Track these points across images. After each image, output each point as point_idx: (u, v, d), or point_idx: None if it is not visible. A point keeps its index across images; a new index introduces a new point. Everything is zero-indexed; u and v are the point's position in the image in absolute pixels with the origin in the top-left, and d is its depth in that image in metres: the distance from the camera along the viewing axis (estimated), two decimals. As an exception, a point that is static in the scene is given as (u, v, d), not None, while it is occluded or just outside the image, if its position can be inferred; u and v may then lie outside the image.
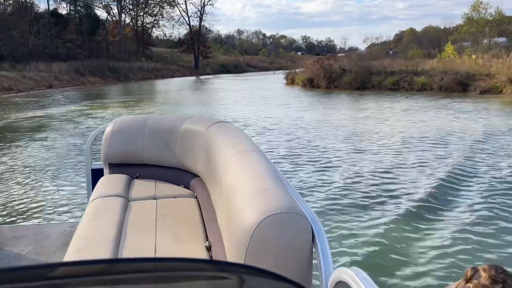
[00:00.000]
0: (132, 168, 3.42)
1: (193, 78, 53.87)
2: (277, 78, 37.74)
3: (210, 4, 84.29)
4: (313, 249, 1.57)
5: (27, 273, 0.56)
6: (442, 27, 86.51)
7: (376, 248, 4.81)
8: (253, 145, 2.50)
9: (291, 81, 32.87)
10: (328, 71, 27.52)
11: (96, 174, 3.53)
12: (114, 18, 61.72)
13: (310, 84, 28.49)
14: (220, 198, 2.18)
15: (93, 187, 3.39)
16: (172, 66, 60.17)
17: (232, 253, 1.74)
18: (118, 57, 55.14)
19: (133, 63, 53.07)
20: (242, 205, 1.72)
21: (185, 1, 69.15)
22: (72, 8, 54.52)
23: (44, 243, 3.26)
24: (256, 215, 1.56)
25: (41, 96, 28.13)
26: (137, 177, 3.41)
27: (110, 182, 3.18)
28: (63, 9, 55.37)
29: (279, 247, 1.52)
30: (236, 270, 0.68)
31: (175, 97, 27.35)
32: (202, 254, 2.14)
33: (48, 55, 45.98)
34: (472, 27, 63.10)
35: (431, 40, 78.69)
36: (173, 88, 36.88)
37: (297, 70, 35.17)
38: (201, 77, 55.83)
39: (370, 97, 23.05)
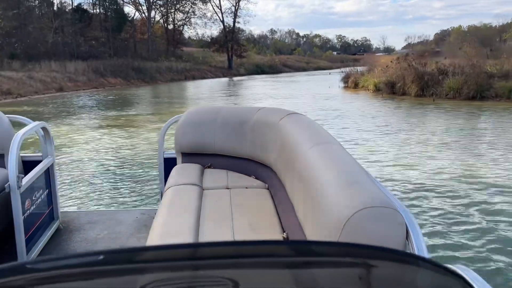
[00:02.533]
0: (204, 157, 3.36)
1: (225, 79, 47.40)
2: (329, 80, 30.57)
3: (246, -1, 75.24)
4: (407, 245, 1.42)
5: (178, 252, 0.57)
6: (493, 25, 77.54)
7: None
8: (331, 137, 2.38)
9: (353, 85, 25.62)
10: (421, 72, 19.77)
11: (169, 163, 3.45)
12: (143, 15, 55.73)
13: (390, 90, 20.93)
14: (300, 190, 2.03)
15: (165, 176, 3.37)
16: (203, 67, 53.81)
17: None
18: (146, 57, 49.17)
19: (161, 63, 46.91)
20: (330, 197, 1.60)
21: (218, -3, 62.49)
22: (97, 3, 48.55)
23: (117, 228, 3.28)
24: (348, 208, 1.44)
25: (37, 103, 21.83)
26: (209, 167, 3.33)
27: (184, 171, 3.11)
28: (88, 4, 49.59)
29: (371, 242, 1.38)
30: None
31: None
32: None
33: (69, 54, 40.16)
34: None
35: (482, 39, 70.23)
36: (204, 92, 30.36)
37: (359, 69, 27.83)
38: (235, 78, 49.31)
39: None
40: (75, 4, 47.83)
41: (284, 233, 2.20)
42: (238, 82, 41.11)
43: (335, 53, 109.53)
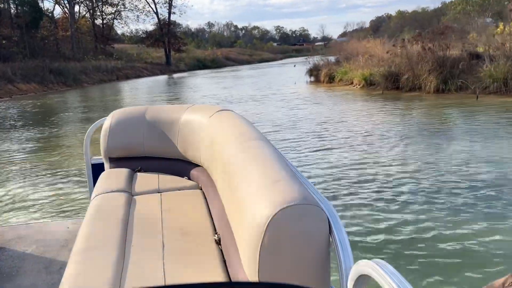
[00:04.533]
0: (133, 161, 3.13)
1: (164, 77, 40.89)
2: (286, 73, 24.95)
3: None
4: (330, 241, 1.39)
5: None
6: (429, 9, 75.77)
7: None
8: (259, 133, 2.25)
9: (327, 78, 19.98)
10: (442, 58, 13.70)
11: (97, 169, 3.23)
12: (65, 9, 47.69)
13: (392, 85, 15.28)
14: (228, 190, 1.93)
15: (94, 183, 3.13)
16: (138, 64, 46.85)
17: (244, 247, 1.52)
18: (71, 56, 41.55)
19: (87, 62, 39.53)
20: (253, 197, 1.53)
21: (150, -14, 55.18)
22: (4, -5, 40.19)
23: (47, 242, 3.01)
24: (270, 208, 1.38)
25: None
26: (139, 171, 3.10)
27: (112, 176, 2.91)
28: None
29: (295, 240, 1.36)
30: None
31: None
32: (212, 248, 1.95)
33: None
34: (467, 6, 54.44)
35: (421, 23, 68.06)
36: (139, 95, 23.97)
37: (331, 58, 22.32)
38: (175, 75, 42.93)
39: None
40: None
41: (216, 235, 2.05)
42: (179, 80, 34.77)
43: (275, 44, 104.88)
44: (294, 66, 25.29)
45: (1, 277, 2.58)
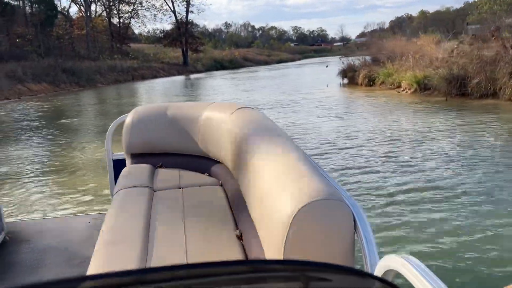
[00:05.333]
0: (154, 157, 3.14)
1: (181, 78, 38.93)
2: (310, 74, 22.53)
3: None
4: (355, 237, 1.38)
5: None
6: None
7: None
8: (280, 130, 2.27)
9: (366, 81, 17.47)
10: None
11: (118, 165, 3.23)
12: (81, 7, 46.07)
13: (457, 90, 12.54)
14: (251, 186, 1.92)
15: (115, 178, 3.15)
16: (155, 64, 45.00)
17: (268, 243, 1.55)
18: (86, 56, 39.86)
19: (102, 62, 37.73)
20: (277, 192, 1.52)
21: (167, -16, 53.25)
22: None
23: (68, 236, 3.06)
24: (294, 203, 1.37)
25: None
26: (160, 167, 3.09)
27: (133, 172, 2.93)
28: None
29: (319, 235, 1.36)
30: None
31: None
32: (233, 243, 1.92)
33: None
34: (494, 5, 51.25)
35: (446, 23, 65.07)
36: (155, 99, 21.93)
37: (354, 59, 19.69)
38: (192, 76, 40.95)
39: None
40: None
41: (237, 231, 2.03)
42: (196, 81, 32.73)
43: (292, 44, 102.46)
44: (327, 66, 22.87)
45: (24, 270, 2.62)
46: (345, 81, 19.50)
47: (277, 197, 1.49)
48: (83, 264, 2.50)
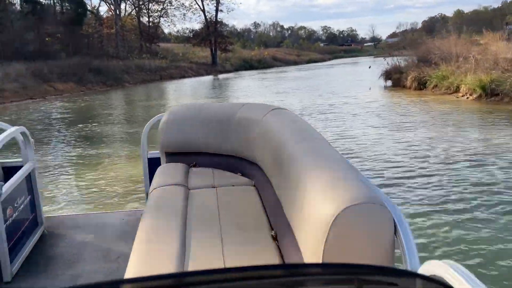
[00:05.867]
0: (188, 156, 3.15)
1: (209, 78, 37.62)
2: (349, 74, 20.69)
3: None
4: (395, 242, 1.35)
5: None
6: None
7: None
8: (316, 132, 2.21)
9: (415, 84, 15.50)
10: None
11: (153, 164, 3.28)
12: (111, 6, 45.35)
13: None
14: (286, 187, 1.90)
15: (150, 176, 3.24)
16: (183, 64, 43.83)
17: (306, 245, 1.52)
18: (115, 55, 39.05)
19: (130, 61, 36.77)
20: (316, 195, 1.49)
21: (197, -18, 52.02)
22: (49, -9, 38.06)
23: (103, 232, 3.13)
24: (334, 206, 1.34)
25: None
26: (194, 166, 3.11)
27: (169, 171, 2.93)
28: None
29: (359, 239, 1.33)
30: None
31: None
32: (269, 243, 1.91)
33: (14, 54, 29.76)
34: None
35: (483, 23, 61.73)
36: (180, 100, 20.57)
37: (400, 59, 17.71)
38: (220, 76, 39.61)
39: None
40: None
41: (273, 232, 2.03)
42: (225, 82, 31.31)
43: (322, 44, 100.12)
44: (369, 67, 21.02)
45: (63, 263, 2.69)
46: (388, 83, 17.60)
47: (316, 200, 1.45)
48: (118, 260, 2.66)
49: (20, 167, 2.99)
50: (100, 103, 20.31)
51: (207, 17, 51.51)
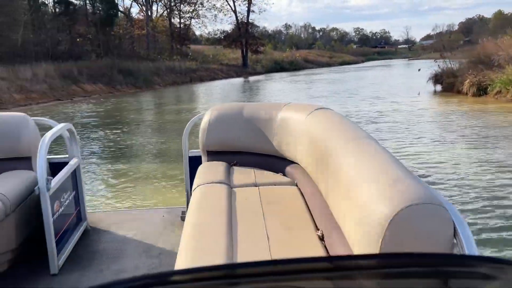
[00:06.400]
0: (229, 155, 3.13)
1: (240, 80, 36.45)
2: (388, 77, 18.99)
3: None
4: (455, 243, 1.31)
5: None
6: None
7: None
8: (365, 132, 2.11)
9: (474, 89, 13.69)
10: None
11: (193, 162, 3.28)
12: (143, 7, 44.84)
13: None
14: (335, 187, 1.84)
15: (190, 175, 3.25)
16: (213, 66, 42.85)
17: (359, 246, 1.47)
18: (145, 56, 38.42)
19: (161, 63, 35.99)
20: (371, 195, 1.44)
21: (229, -17, 50.95)
22: (81, -8, 37.71)
23: (145, 227, 3.17)
24: (391, 206, 1.30)
25: None
26: (235, 165, 3.08)
27: (210, 169, 2.93)
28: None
29: (417, 240, 1.29)
30: None
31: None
32: (315, 243, 1.86)
33: (45, 54, 29.37)
34: None
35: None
36: (207, 104, 19.39)
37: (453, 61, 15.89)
38: (251, 78, 38.40)
39: None
40: (57, -6, 36.98)
41: (319, 231, 1.97)
42: (256, 85, 30.01)
43: (355, 46, 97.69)
44: (419, 70, 19.37)
45: (107, 258, 2.74)
46: (438, 88, 15.81)
47: (371, 200, 1.40)
48: (160, 256, 2.74)
49: (65, 163, 3.03)
50: (128, 106, 19.34)
51: (239, 18, 50.41)
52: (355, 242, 1.50)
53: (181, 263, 1.67)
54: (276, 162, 2.93)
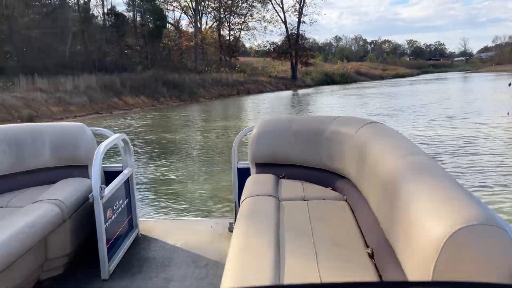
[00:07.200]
0: (278, 168, 3.10)
1: (288, 93, 34.28)
2: (461, 91, 16.17)
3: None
4: None
5: None
6: None
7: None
8: (418, 148, 2.01)
9: None
10: None
11: (242, 174, 3.29)
12: (192, 18, 43.84)
13: None
14: (386, 204, 1.76)
15: (238, 186, 3.28)
16: (261, 78, 41.01)
17: (411, 266, 1.41)
18: (193, 68, 37.20)
19: (207, 75, 34.51)
20: (425, 213, 1.38)
21: (279, -7, 49.03)
22: (131, 2, 37.04)
23: (194, 238, 3.19)
24: (447, 226, 1.24)
25: None
26: (283, 177, 3.04)
27: (259, 181, 2.89)
28: (123, 5, 38.33)
29: (474, 263, 1.21)
30: None
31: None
32: (365, 261, 1.78)
33: (91, 66, 28.62)
34: None
35: None
36: (250, 120, 17.38)
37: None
38: (300, 91, 36.16)
39: None
40: (108, 6, 36.57)
41: (369, 249, 1.89)
42: (305, 99, 27.65)
43: (408, 58, 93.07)
44: (509, 85, 16.39)
45: (156, 266, 2.76)
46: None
47: (425, 218, 1.34)
48: (207, 267, 2.73)
49: (119, 172, 3.08)
50: (168, 122, 17.63)
51: (288, 29, 48.37)
52: (407, 262, 1.42)
53: (228, 277, 1.64)
54: (325, 176, 2.83)
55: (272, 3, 48.91)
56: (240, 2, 47.01)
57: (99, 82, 24.00)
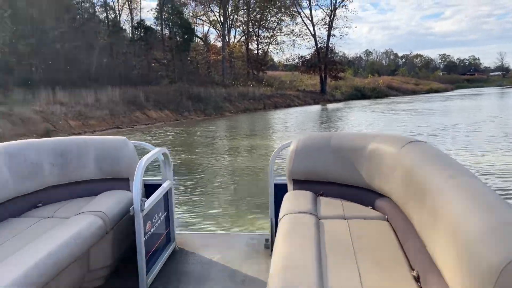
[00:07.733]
0: (315, 185, 3.02)
1: (317, 108, 32.73)
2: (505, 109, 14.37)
3: (343, 6, 49.14)
4: None
5: None
6: None
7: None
8: (466, 169, 1.89)
9: None
10: None
11: (278, 190, 3.24)
12: (220, 32, 43.11)
13: None
14: (433, 226, 1.68)
15: (275, 202, 3.23)
16: (289, 92, 39.67)
17: None
18: (220, 82, 36.28)
19: (233, 88, 33.43)
20: (478, 237, 1.32)
21: (310, 6, 47.75)
22: (159, 16, 36.52)
23: (230, 252, 3.18)
24: (505, 252, 1.19)
25: None
26: (321, 195, 2.96)
27: (297, 198, 2.83)
28: (153, 19, 38.00)
29: None
30: None
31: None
32: (411, 284, 1.71)
33: (117, 79, 27.96)
34: None
35: None
36: (270, 141, 16.05)
37: None
38: (329, 105, 34.56)
39: None
40: (137, 19, 36.18)
41: (414, 272, 1.80)
42: (335, 115, 26.04)
43: (441, 73, 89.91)
44: None
45: (193, 280, 2.76)
46: None
47: (478, 242, 1.29)
48: (244, 283, 2.70)
49: (159, 185, 3.09)
50: (189, 139, 16.42)
51: (318, 42, 46.96)
52: (458, 287, 1.36)
53: None
54: (365, 194, 2.74)
55: (301, 16, 47.77)
56: (269, 16, 46.13)
57: (123, 95, 23.15)
